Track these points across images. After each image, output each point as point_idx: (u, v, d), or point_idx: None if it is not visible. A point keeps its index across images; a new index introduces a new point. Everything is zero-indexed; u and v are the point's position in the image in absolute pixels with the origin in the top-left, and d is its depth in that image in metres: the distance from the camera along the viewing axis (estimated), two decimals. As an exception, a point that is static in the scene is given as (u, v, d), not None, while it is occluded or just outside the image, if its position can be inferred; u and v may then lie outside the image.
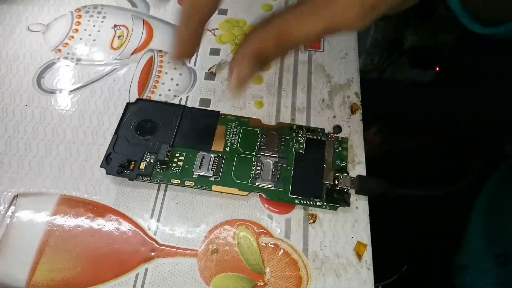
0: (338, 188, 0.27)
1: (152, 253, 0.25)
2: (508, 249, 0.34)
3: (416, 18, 0.58)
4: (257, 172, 0.27)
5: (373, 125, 0.59)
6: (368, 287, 0.24)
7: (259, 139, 0.29)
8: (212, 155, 0.28)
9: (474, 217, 0.39)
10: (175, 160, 0.28)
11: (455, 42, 0.56)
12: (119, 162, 0.27)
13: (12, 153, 0.29)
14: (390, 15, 0.20)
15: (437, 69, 0.58)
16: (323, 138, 0.29)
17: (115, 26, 0.36)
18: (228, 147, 0.28)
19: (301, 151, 0.28)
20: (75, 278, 0.24)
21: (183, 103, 0.31)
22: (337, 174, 0.27)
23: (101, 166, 0.27)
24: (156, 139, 0.28)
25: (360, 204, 0.27)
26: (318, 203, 0.26)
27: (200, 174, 0.27)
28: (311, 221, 0.26)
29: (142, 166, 0.27)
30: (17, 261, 0.25)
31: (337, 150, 0.28)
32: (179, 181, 0.27)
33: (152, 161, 0.27)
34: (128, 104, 0.30)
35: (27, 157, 0.28)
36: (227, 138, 0.29)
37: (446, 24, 0.56)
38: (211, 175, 0.27)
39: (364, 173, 0.28)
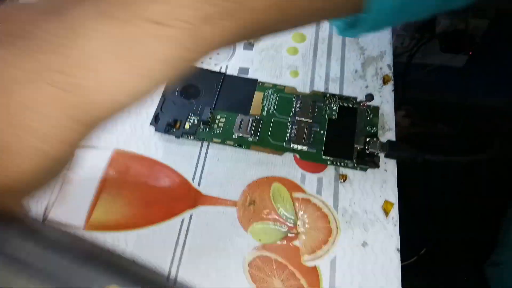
0: (368, 152, 0.28)
1: (196, 202, 0.27)
2: None
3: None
4: (292, 135, 0.29)
5: (401, 108, 0.59)
6: (394, 242, 0.26)
7: (294, 105, 0.31)
8: (250, 118, 0.30)
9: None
10: (217, 121, 0.30)
11: (488, 28, 0.56)
12: (167, 121, 0.30)
13: (70, 111, 0.32)
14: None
15: (470, 53, 0.58)
16: (355, 106, 0.31)
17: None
18: (265, 112, 0.30)
19: (333, 117, 0.30)
20: (127, 220, 0.27)
21: (223, 71, 0.33)
22: (367, 139, 0.29)
23: (150, 124, 0.30)
24: (199, 103, 0.31)
25: (389, 167, 0.28)
26: (349, 164, 0.28)
27: (240, 135, 0.29)
28: (342, 180, 0.28)
29: (187, 125, 0.30)
30: (76, 204, 0.28)
31: (368, 117, 0.30)
32: (220, 140, 0.29)
33: (196, 122, 0.30)
34: (173, 70, 0.33)
35: (84, 115, 0.31)
36: (264, 104, 0.31)
37: (478, 9, 0.55)
38: (250, 136, 0.29)
39: (393, 139, 0.30)
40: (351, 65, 0.33)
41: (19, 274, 0.11)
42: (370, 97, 0.31)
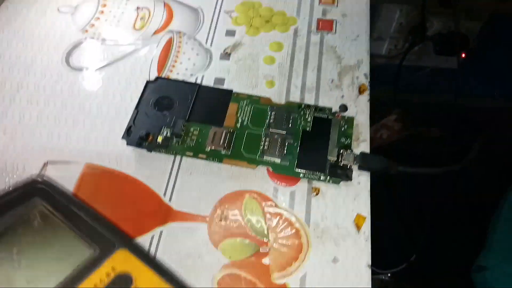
0: (341, 164, 0.28)
1: (167, 218, 0.27)
2: None
3: (438, 5, 0.57)
4: (265, 147, 0.29)
5: (394, 111, 0.59)
6: (365, 257, 0.25)
7: (268, 117, 0.30)
8: (224, 130, 0.30)
9: (503, 217, 0.39)
10: (190, 134, 0.30)
11: (481, 30, 0.56)
12: (139, 135, 0.29)
13: (42, 124, 0.31)
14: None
15: (463, 55, 0.58)
16: (329, 117, 0.30)
17: (138, 8, 0.38)
18: (239, 123, 0.30)
19: (308, 128, 0.30)
20: (97, 237, 0.26)
21: (199, 81, 0.33)
22: (341, 151, 0.29)
23: (122, 138, 0.29)
24: (173, 115, 0.31)
25: (362, 180, 0.28)
26: (321, 177, 0.28)
27: (213, 148, 0.29)
28: (314, 193, 0.28)
29: (160, 138, 0.29)
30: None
31: (343, 128, 0.30)
32: (192, 153, 0.29)
33: (169, 135, 0.30)
34: (147, 82, 0.32)
35: (56, 129, 0.31)
36: (238, 115, 0.31)
37: (470, 12, 0.55)
38: (223, 149, 0.29)
39: (368, 151, 0.29)
40: (328, 74, 0.33)
41: None
42: (343, 108, 0.30)
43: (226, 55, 0.35)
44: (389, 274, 0.45)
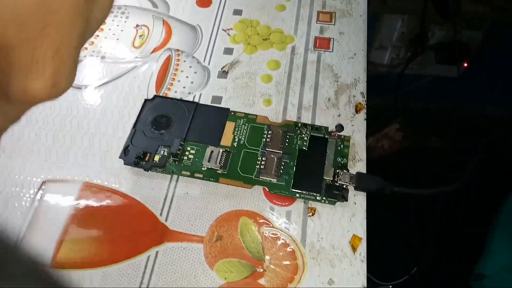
0: (338, 184, 0.28)
1: (163, 238, 0.27)
2: None
3: (438, 15, 0.57)
4: (261, 166, 0.29)
5: (396, 121, 0.59)
6: (360, 279, 0.25)
7: (265, 135, 0.31)
8: (220, 150, 0.30)
9: (502, 223, 0.39)
10: (187, 153, 0.30)
11: (483, 39, 0.56)
12: (136, 154, 0.30)
13: (41, 142, 0.32)
14: None
15: (465, 65, 0.58)
16: (326, 136, 0.30)
17: (137, 25, 0.38)
18: (236, 142, 0.30)
19: (304, 148, 0.30)
20: (93, 258, 0.27)
21: (196, 99, 0.33)
22: (337, 171, 0.29)
23: (119, 157, 0.30)
24: (170, 134, 0.31)
25: (358, 200, 0.28)
26: (317, 197, 0.28)
27: (209, 167, 0.29)
28: (310, 214, 0.28)
29: (157, 158, 0.30)
30: (44, 240, 0.28)
31: (339, 148, 0.30)
32: (189, 173, 0.29)
33: (166, 154, 0.30)
34: (145, 101, 0.33)
35: (55, 147, 0.31)
36: (235, 134, 0.31)
37: (472, 21, 0.55)
38: (219, 168, 0.29)
39: (364, 170, 0.29)
40: (325, 92, 0.33)
41: None
42: (340, 127, 0.31)
43: (223, 73, 0.35)
44: (390, 286, 0.45)
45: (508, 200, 0.40)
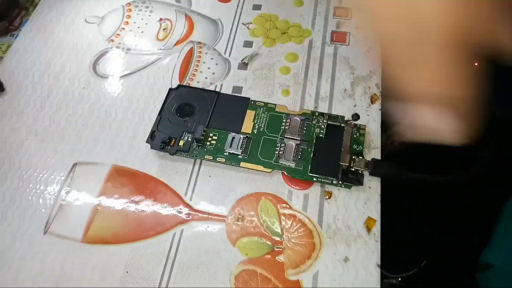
0: (353, 169, 0.30)
1: (187, 217, 0.29)
2: None
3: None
4: (280, 152, 0.31)
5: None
6: (375, 257, 0.27)
7: (283, 124, 0.32)
8: (241, 136, 0.31)
9: (507, 215, 0.39)
10: (209, 139, 0.32)
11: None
12: (162, 139, 0.31)
13: (71, 128, 0.34)
14: None
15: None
16: (342, 125, 0.32)
17: (161, 19, 0.40)
18: (256, 130, 0.32)
19: (321, 135, 0.31)
20: (122, 234, 0.28)
21: (218, 89, 0.35)
22: (353, 157, 0.30)
23: (146, 142, 0.31)
24: (193, 121, 0.32)
25: (372, 185, 0.30)
26: (333, 182, 0.29)
27: (231, 152, 0.31)
28: (327, 197, 0.29)
29: (181, 143, 0.31)
30: (75, 218, 0.29)
31: (355, 136, 0.31)
32: (212, 157, 0.31)
33: (190, 139, 0.31)
34: (170, 90, 0.34)
35: (85, 132, 0.33)
36: (255, 122, 0.32)
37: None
38: (240, 153, 0.31)
39: (379, 157, 0.31)
40: (341, 84, 0.35)
41: None
42: (356, 116, 0.32)
43: (243, 65, 0.36)
44: (399, 278, 0.46)
45: None
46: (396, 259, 0.43)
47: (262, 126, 0.32)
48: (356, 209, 0.29)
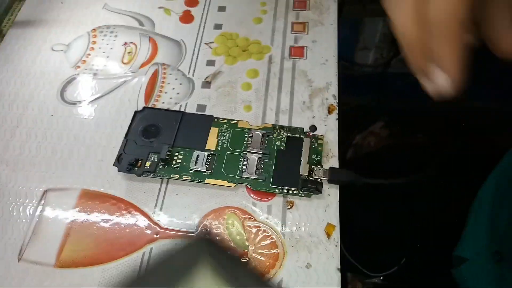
0: (312, 179, 0.31)
1: (156, 235, 0.30)
2: (504, 247, 0.35)
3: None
4: (243, 166, 0.32)
5: (380, 118, 0.62)
6: (335, 262, 0.28)
7: (246, 139, 0.33)
8: (205, 153, 0.33)
9: (476, 209, 0.40)
10: (175, 158, 0.33)
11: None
12: (128, 161, 0.32)
13: (41, 155, 0.35)
14: None
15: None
16: (301, 136, 0.33)
17: (125, 43, 0.41)
18: (220, 146, 0.33)
19: (282, 147, 0.33)
20: (94, 256, 0.29)
21: (183, 109, 0.36)
22: (312, 167, 0.32)
23: (113, 165, 0.32)
24: (159, 141, 0.34)
25: (331, 192, 0.31)
26: (294, 192, 0.31)
27: (196, 169, 0.32)
28: (289, 206, 0.31)
29: (148, 164, 0.32)
30: (47, 244, 0.30)
31: (313, 146, 0.33)
32: (178, 175, 0.32)
33: (156, 160, 0.33)
34: (135, 112, 0.36)
35: (54, 159, 0.34)
36: (219, 138, 0.34)
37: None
38: (205, 170, 0.32)
39: (337, 165, 0.32)
40: (300, 96, 0.36)
41: None
42: (313, 128, 0.34)
43: (207, 84, 0.38)
44: (381, 277, 0.47)
45: (484, 187, 0.43)
46: (378, 258, 0.44)
47: (226, 142, 0.34)
48: (317, 216, 0.30)
